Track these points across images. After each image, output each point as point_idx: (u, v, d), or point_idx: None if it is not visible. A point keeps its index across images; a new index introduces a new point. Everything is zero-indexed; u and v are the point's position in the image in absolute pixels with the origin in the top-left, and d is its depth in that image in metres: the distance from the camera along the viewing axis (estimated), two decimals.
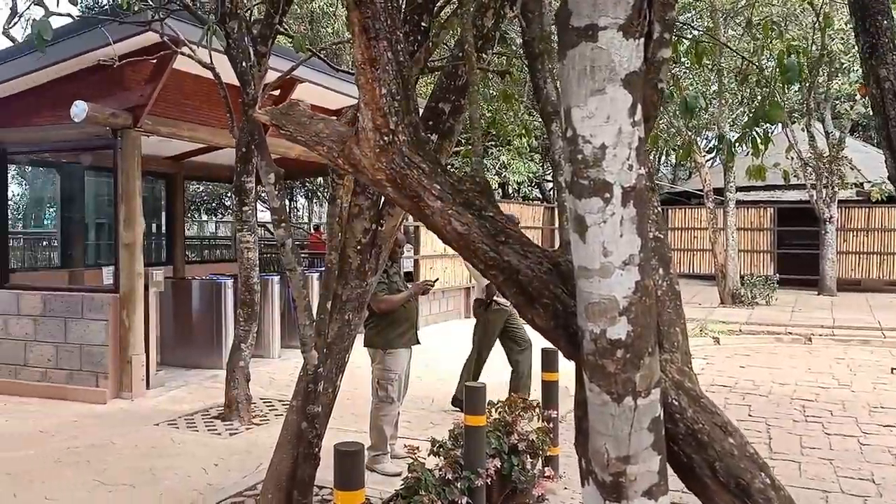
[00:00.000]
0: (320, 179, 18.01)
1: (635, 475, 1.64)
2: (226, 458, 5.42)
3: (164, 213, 11.70)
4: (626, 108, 1.54)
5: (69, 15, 6.22)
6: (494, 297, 6.72)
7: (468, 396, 3.79)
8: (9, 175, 8.99)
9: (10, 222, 9.60)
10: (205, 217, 21.44)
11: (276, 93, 7.64)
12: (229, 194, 19.78)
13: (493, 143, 16.42)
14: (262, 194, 13.05)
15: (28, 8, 3.70)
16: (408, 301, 5.30)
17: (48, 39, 3.24)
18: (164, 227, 11.73)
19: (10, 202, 8.99)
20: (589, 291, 1.60)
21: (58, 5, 4.10)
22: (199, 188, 18.84)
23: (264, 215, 18.14)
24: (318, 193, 21.39)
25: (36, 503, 4.58)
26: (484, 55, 3.92)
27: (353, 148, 2.07)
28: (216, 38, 3.72)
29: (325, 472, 4.00)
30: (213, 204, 20.95)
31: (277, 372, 8.58)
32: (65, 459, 5.43)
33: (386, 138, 1.99)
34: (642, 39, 1.55)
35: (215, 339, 8.72)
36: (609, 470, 1.64)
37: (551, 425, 4.56)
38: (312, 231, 19.20)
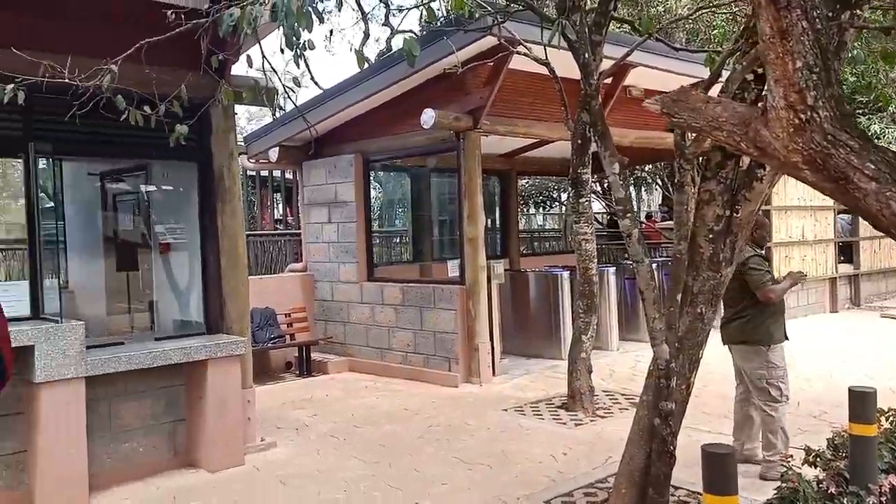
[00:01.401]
0: (648, 167, 17.61)
1: None
2: (573, 448, 5.61)
3: (498, 209, 12.50)
4: None
5: (411, 31, 6.94)
6: None
7: (853, 402, 3.38)
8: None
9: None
10: (532, 210, 22.46)
11: (608, 81, 7.65)
12: (557, 187, 20.37)
13: (860, 111, 14.44)
14: (594, 185, 13.16)
15: (393, 36, 4.18)
16: None
17: (416, 55, 3.64)
18: (498, 222, 12.54)
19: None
20: None
21: (421, 20, 4.58)
22: (526, 182, 19.77)
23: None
24: (647, 181, 20.99)
25: (406, 474, 5.22)
26: (859, 11, 3.46)
27: (759, 129, 1.96)
28: (561, 33, 3.85)
29: (680, 472, 3.92)
30: (541, 197, 21.81)
31: (617, 364, 8.64)
32: (426, 436, 6.11)
33: (802, 116, 1.84)
34: None
35: (553, 329, 9.08)
36: None
37: None
38: (644, 220, 18.92)
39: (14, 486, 4.85)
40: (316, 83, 4.75)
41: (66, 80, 3.87)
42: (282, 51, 3.67)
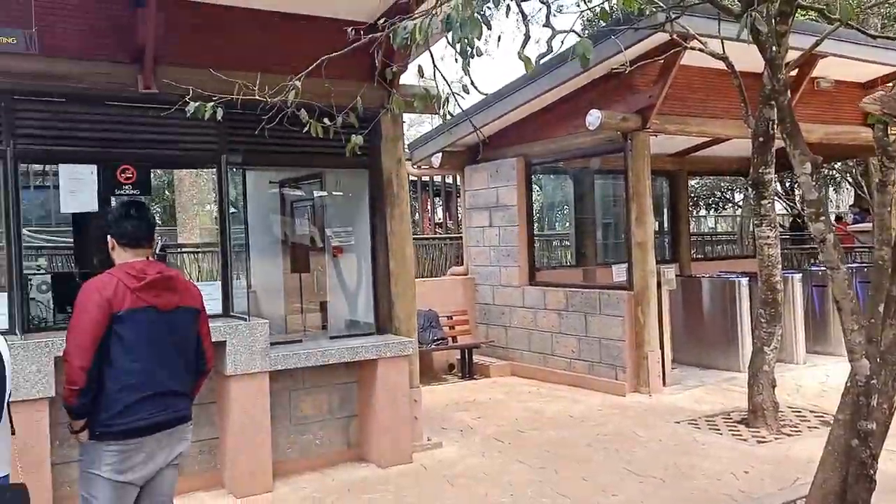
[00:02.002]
0: (838, 164, 16.30)
1: None
2: (756, 467, 5.32)
3: (667, 211, 12.09)
4: None
5: (573, 31, 6.88)
6: None
7: None
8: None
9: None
10: (703, 212, 21.46)
11: (793, 73, 7.19)
12: (731, 187, 19.33)
13: None
14: (777, 185, 12.43)
15: (554, 37, 4.17)
16: None
17: (590, 57, 3.62)
18: (667, 225, 12.12)
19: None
20: None
21: (584, 19, 4.56)
22: (697, 183, 18.95)
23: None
24: (836, 180, 19.41)
25: (574, 481, 5.18)
26: None
27: None
28: (749, 26, 3.68)
29: (879, 498, 3.62)
30: (713, 198, 20.80)
31: (804, 379, 8.10)
32: (594, 444, 6.03)
33: None
34: None
35: (730, 339, 8.65)
36: None
37: None
38: (834, 223, 17.52)
39: (208, 470, 5.34)
40: (477, 89, 4.86)
41: (257, 97, 4.22)
42: (456, 59, 3.77)
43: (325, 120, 4.24)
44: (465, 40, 3.62)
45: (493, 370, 9.22)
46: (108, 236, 3.26)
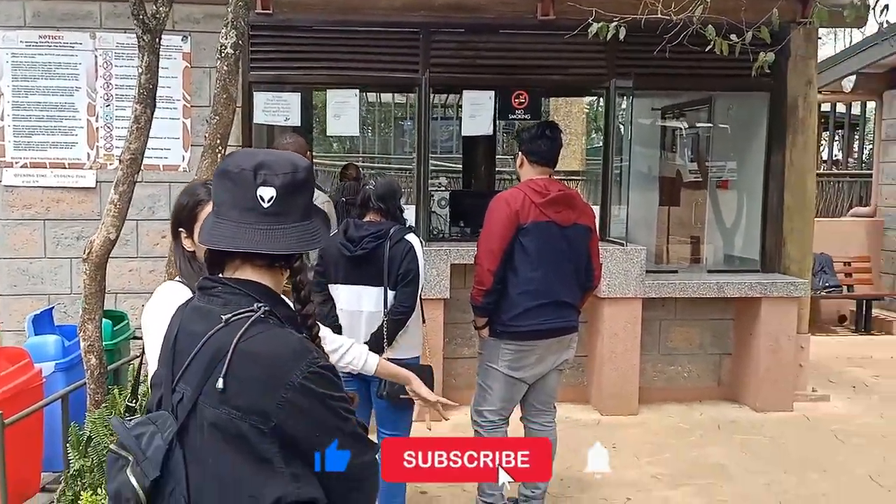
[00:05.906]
0: None
1: None
2: None
3: None
4: None
5: None
6: None
7: None
8: None
9: None
10: None
11: None
12: None
13: None
14: None
15: None
16: None
17: None
18: None
19: None
20: None
21: None
22: None
23: None
24: None
25: None
26: None
27: None
28: None
29: None
30: None
31: None
32: None
33: None
34: None
35: None
36: None
37: None
38: None
39: (574, 385, 5.59)
40: None
41: (660, 16, 4.11)
42: None
43: (733, 37, 4.00)
44: None
45: None
46: (519, 153, 3.57)
